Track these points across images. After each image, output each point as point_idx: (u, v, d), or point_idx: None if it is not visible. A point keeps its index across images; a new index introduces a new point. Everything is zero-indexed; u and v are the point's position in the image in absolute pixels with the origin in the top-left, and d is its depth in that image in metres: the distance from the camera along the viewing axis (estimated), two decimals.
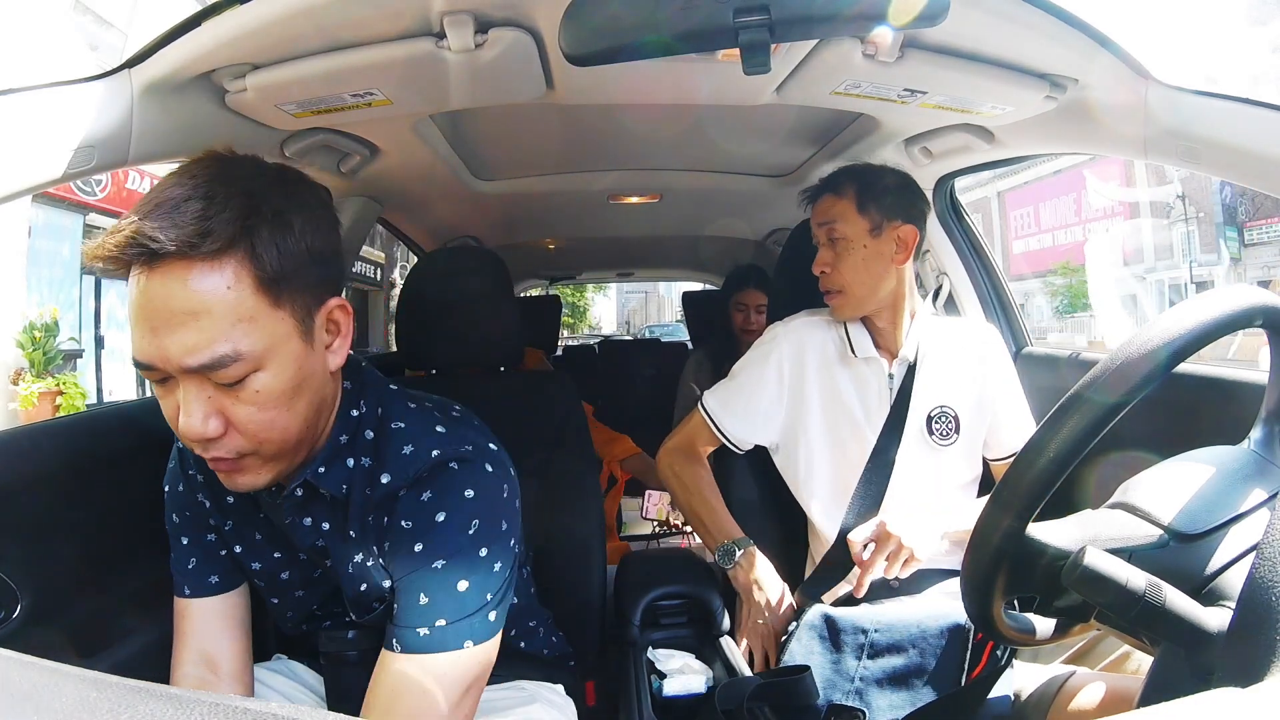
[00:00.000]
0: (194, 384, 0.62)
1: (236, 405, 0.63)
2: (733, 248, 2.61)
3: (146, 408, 1.32)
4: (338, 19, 0.86)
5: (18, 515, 0.88)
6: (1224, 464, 0.59)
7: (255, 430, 0.64)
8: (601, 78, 1.02)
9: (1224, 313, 0.52)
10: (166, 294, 0.59)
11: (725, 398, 1.24)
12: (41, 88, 0.81)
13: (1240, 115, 0.84)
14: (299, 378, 0.66)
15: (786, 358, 1.21)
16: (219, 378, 0.61)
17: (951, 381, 1.18)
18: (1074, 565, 0.51)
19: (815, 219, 1.19)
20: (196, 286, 0.59)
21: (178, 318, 0.59)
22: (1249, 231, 16.66)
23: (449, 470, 0.72)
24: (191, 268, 0.59)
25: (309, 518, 0.76)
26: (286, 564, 0.81)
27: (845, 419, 1.18)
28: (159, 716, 0.32)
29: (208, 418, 0.62)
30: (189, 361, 0.60)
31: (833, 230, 1.16)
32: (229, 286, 0.60)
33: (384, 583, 0.74)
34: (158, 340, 0.60)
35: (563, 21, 0.72)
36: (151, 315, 0.60)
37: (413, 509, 0.71)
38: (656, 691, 1.08)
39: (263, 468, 0.67)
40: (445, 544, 0.70)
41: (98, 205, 8.62)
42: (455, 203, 1.82)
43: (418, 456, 0.72)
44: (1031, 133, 1.15)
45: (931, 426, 1.17)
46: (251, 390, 0.63)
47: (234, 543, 0.82)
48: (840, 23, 0.74)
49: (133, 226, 0.58)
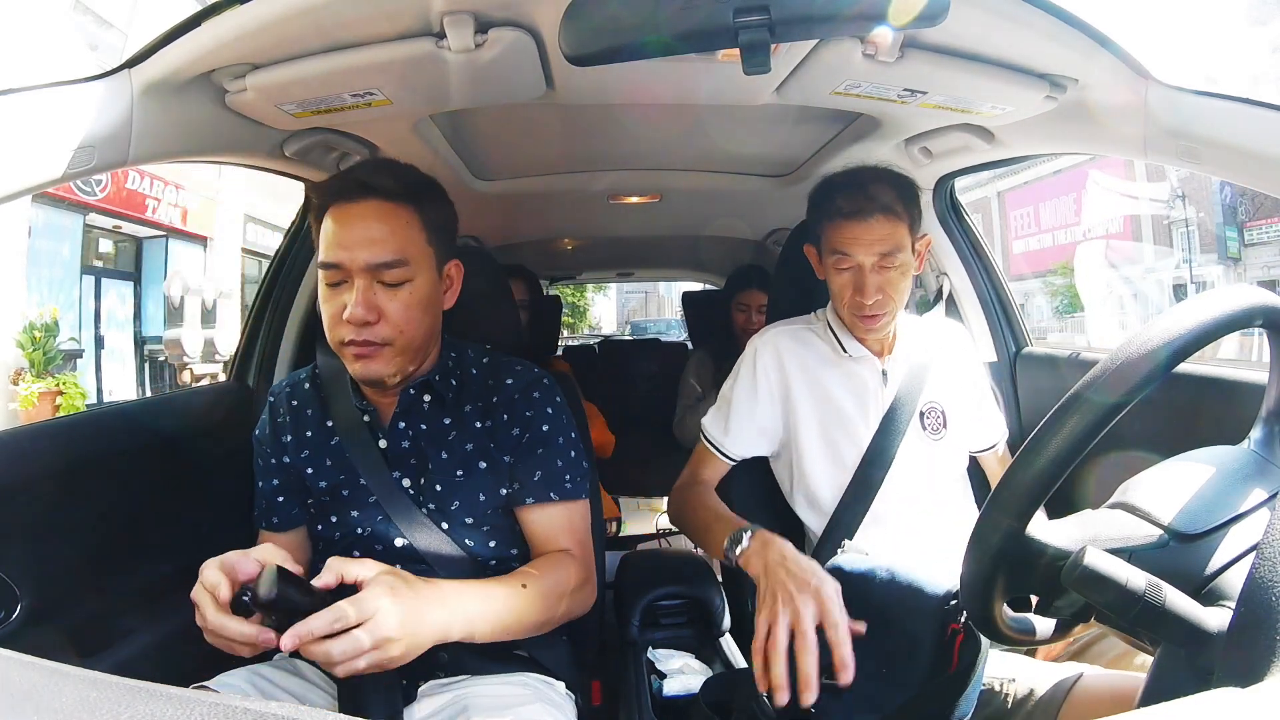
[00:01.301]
0: (363, 282, 0.89)
1: (391, 301, 0.90)
2: (733, 248, 2.61)
3: (147, 408, 1.32)
4: (338, 19, 0.86)
5: (18, 515, 0.88)
6: (1224, 464, 0.59)
7: (399, 321, 0.90)
8: (601, 78, 1.02)
9: (1224, 313, 0.52)
10: (367, 217, 0.89)
11: (721, 420, 1.22)
12: (41, 88, 0.81)
13: (1240, 115, 0.84)
14: (431, 298, 0.94)
15: (769, 368, 1.20)
16: (388, 276, 0.89)
17: (935, 377, 1.19)
18: (1074, 565, 0.51)
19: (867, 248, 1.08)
20: (389, 216, 0.90)
21: (371, 233, 0.89)
22: (1249, 231, 16.66)
23: (546, 384, 1.03)
24: (384, 206, 0.90)
25: (406, 421, 0.98)
26: (348, 485, 0.98)
27: (838, 419, 1.17)
28: (159, 716, 0.32)
29: (370, 307, 0.88)
30: (373, 259, 0.88)
31: (894, 259, 1.08)
32: (407, 221, 0.91)
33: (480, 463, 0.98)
34: (351, 249, 0.88)
35: (563, 21, 0.72)
36: (350, 231, 0.89)
37: (533, 403, 1.00)
38: (656, 691, 1.08)
39: (393, 359, 0.91)
40: (561, 428, 1.01)
41: (98, 205, 8.62)
42: (455, 203, 1.81)
43: (527, 371, 1.03)
44: (1031, 133, 1.15)
45: (924, 421, 1.18)
46: (405, 291, 0.91)
47: (306, 466, 1.00)
48: (840, 23, 0.74)
49: (357, 174, 0.93)
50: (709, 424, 1.24)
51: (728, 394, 1.23)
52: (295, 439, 1.00)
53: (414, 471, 0.97)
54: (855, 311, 1.12)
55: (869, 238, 1.08)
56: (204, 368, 9.54)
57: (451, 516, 0.96)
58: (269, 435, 1.02)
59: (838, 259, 1.11)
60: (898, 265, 1.09)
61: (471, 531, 0.97)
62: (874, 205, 1.08)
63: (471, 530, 0.97)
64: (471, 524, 0.97)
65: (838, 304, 1.16)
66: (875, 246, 1.08)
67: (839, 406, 1.17)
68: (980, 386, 1.27)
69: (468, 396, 1.00)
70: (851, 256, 1.09)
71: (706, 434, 1.23)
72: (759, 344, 1.23)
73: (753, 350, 1.23)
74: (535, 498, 0.98)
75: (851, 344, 1.17)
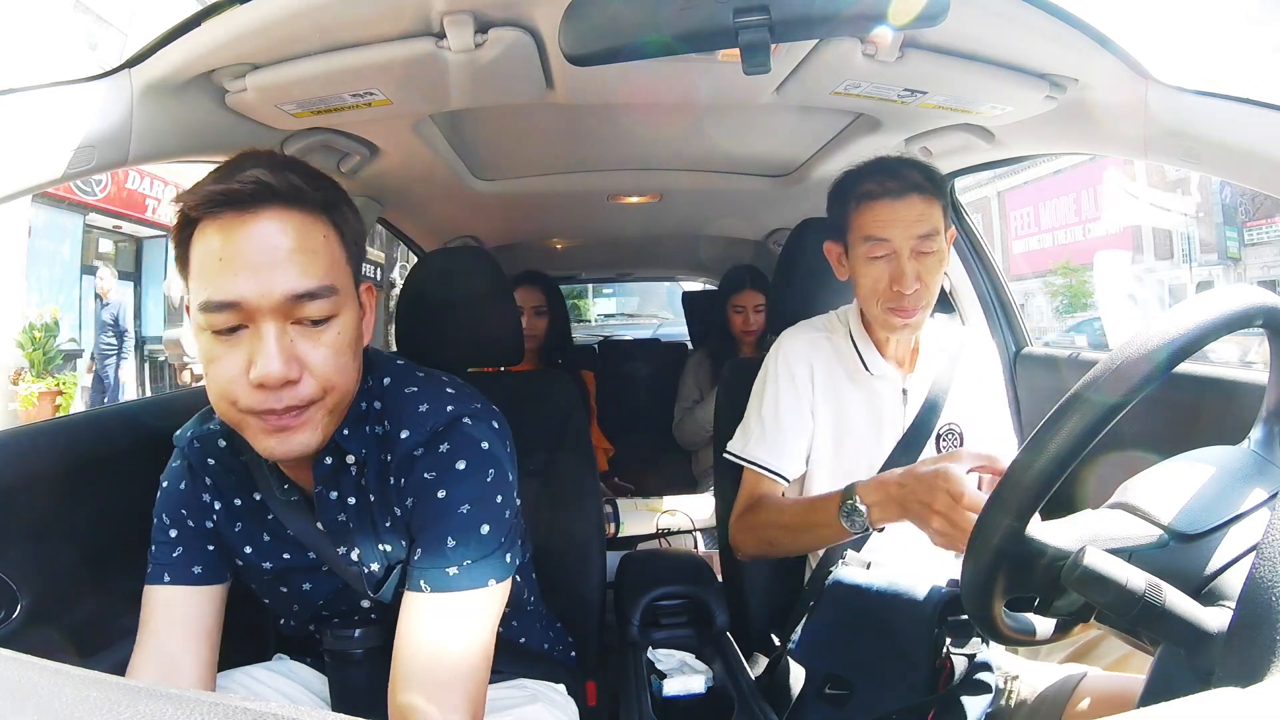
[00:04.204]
0: (275, 326, 0.66)
1: (315, 348, 0.68)
2: (732, 248, 2.60)
3: (146, 408, 1.32)
4: (338, 19, 0.86)
5: (18, 515, 0.87)
6: (1224, 464, 0.59)
7: (328, 373, 0.69)
8: (602, 78, 1.02)
9: (1224, 313, 0.52)
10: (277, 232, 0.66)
11: (756, 436, 1.12)
12: (41, 88, 0.81)
13: (1240, 115, 0.84)
14: (357, 332, 0.73)
15: (798, 373, 1.12)
16: (310, 311, 0.67)
17: (956, 395, 1.13)
18: (1074, 565, 0.51)
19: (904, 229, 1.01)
20: (304, 230, 0.67)
21: (285, 254, 0.66)
22: (1249, 231, 16.65)
23: (464, 425, 0.77)
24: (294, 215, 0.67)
25: (335, 491, 0.78)
26: (295, 563, 0.83)
27: (852, 440, 1.12)
28: (159, 716, 0.32)
29: (289, 359, 0.66)
30: (297, 287, 0.66)
31: (932, 242, 1.01)
32: (325, 236, 0.69)
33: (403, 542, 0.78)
34: (257, 276, 0.65)
35: (563, 21, 0.72)
36: (254, 252, 0.65)
37: (434, 461, 0.76)
38: (656, 691, 1.08)
39: (321, 422, 0.71)
40: (467, 490, 0.75)
41: (98, 205, 8.62)
42: (455, 203, 1.81)
43: (435, 413, 0.77)
44: (1031, 133, 1.15)
45: (940, 445, 1.11)
46: (333, 332, 0.69)
47: (243, 544, 0.82)
48: (840, 23, 0.74)
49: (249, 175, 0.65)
50: (754, 450, 1.12)
51: (769, 413, 1.12)
52: (224, 507, 0.82)
53: (360, 542, 0.80)
54: (892, 304, 1.03)
55: (907, 217, 1.00)
56: None
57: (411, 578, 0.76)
58: (186, 493, 0.82)
59: (871, 246, 1.03)
60: (935, 251, 1.01)
61: None
62: (907, 184, 1.02)
63: None
64: None
65: (869, 300, 1.07)
66: (913, 227, 1.00)
67: (855, 426, 1.12)
68: (999, 400, 1.20)
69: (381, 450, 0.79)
70: (888, 241, 1.01)
71: (752, 460, 1.12)
72: (786, 344, 1.14)
73: (777, 353, 1.14)
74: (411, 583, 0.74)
75: (874, 359, 1.10)
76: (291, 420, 0.68)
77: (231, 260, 0.65)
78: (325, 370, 0.69)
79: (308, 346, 0.68)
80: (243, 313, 0.65)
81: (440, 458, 0.75)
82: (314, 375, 0.68)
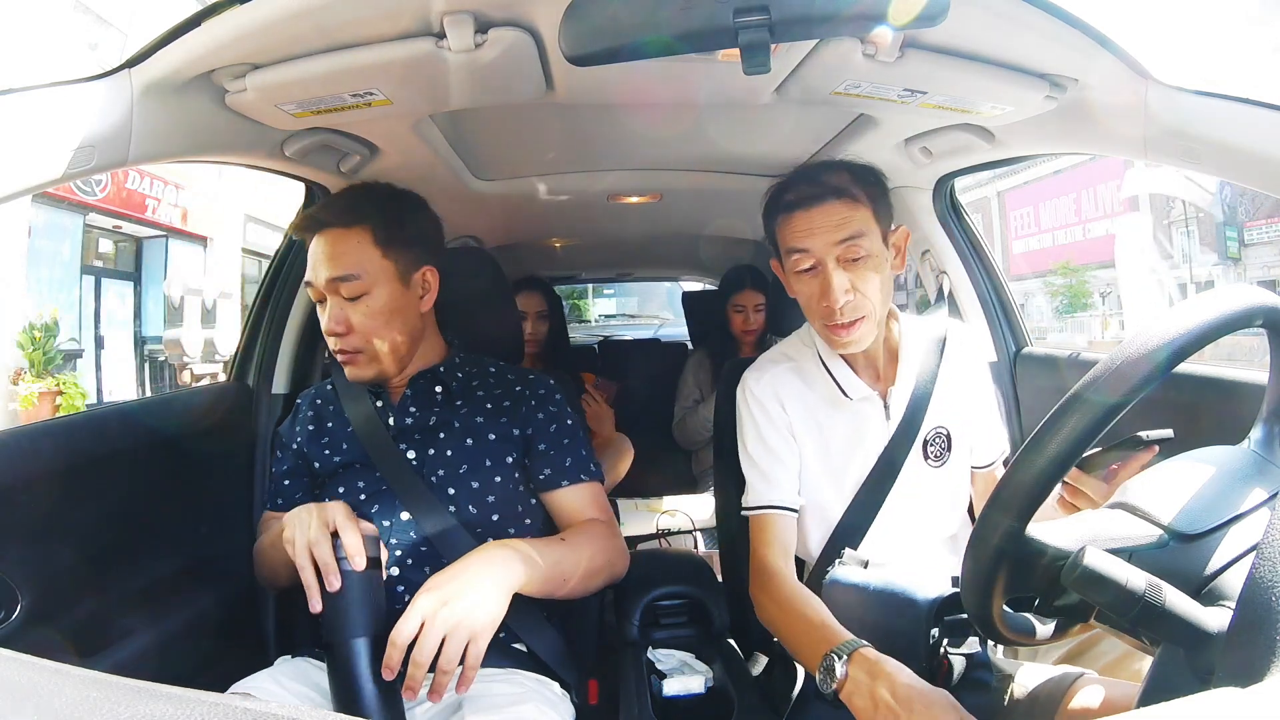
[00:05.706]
0: (331, 299, 1.03)
1: (354, 314, 1.02)
2: (732, 248, 2.60)
3: (147, 408, 1.32)
4: (338, 19, 0.86)
5: (18, 515, 0.88)
6: (1224, 464, 0.59)
7: (365, 330, 1.02)
8: (601, 78, 1.02)
9: (1224, 313, 0.52)
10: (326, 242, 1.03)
11: (755, 478, 1.10)
12: (41, 88, 0.81)
13: (1240, 115, 0.84)
14: (392, 305, 1.04)
15: (769, 406, 1.10)
16: (344, 290, 1.01)
17: (942, 396, 1.10)
18: (1074, 565, 0.51)
19: (823, 236, 0.98)
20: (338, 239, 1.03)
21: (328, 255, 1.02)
22: (1249, 231, 16.66)
23: (551, 384, 1.15)
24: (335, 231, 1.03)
25: (414, 405, 1.09)
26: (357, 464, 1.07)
27: (837, 458, 1.10)
28: (159, 716, 0.32)
29: (338, 320, 1.02)
30: (330, 274, 1.01)
31: (858, 247, 0.98)
32: (358, 241, 1.03)
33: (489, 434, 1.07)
34: (315, 270, 1.03)
35: (563, 21, 0.72)
36: (313, 254, 1.03)
37: (552, 401, 1.13)
38: (656, 691, 1.07)
39: (369, 364, 1.05)
40: (579, 424, 1.15)
41: (98, 205, 8.63)
42: (455, 203, 1.81)
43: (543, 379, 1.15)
44: (1031, 133, 1.15)
45: (927, 450, 1.10)
46: (364, 303, 1.02)
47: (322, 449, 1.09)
48: (840, 23, 0.74)
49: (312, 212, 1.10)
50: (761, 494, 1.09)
51: (756, 450, 1.11)
52: (316, 428, 1.11)
53: (419, 445, 1.06)
54: (826, 320, 1.01)
55: (826, 224, 0.98)
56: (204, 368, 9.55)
57: (458, 482, 1.04)
58: (289, 428, 1.15)
59: (796, 259, 1.01)
60: (863, 256, 0.98)
61: (477, 499, 1.03)
62: (824, 189, 0.99)
63: (476, 497, 1.04)
64: (478, 489, 1.04)
65: (811, 318, 1.05)
66: (833, 233, 0.97)
67: (839, 448, 1.11)
68: (988, 398, 1.18)
69: (481, 388, 1.12)
70: (808, 251, 0.99)
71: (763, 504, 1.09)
72: (757, 391, 1.11)
73: (756, 399, 1.11)
74: (570, 480, 1.09)
75: (850, 382, 1.08)
76: (351, 359, 1.04)
77: (310, 261, 1.04)
78: (362, 327, 1.02)
79: (350, 311, 1.02)
80: (315, 290, 1.04)
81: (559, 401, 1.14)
82: (356, 330, 1.02)
